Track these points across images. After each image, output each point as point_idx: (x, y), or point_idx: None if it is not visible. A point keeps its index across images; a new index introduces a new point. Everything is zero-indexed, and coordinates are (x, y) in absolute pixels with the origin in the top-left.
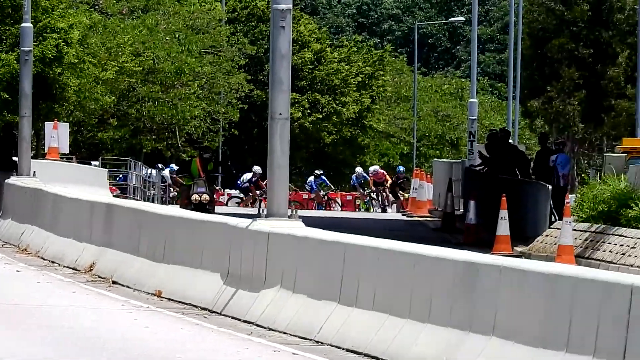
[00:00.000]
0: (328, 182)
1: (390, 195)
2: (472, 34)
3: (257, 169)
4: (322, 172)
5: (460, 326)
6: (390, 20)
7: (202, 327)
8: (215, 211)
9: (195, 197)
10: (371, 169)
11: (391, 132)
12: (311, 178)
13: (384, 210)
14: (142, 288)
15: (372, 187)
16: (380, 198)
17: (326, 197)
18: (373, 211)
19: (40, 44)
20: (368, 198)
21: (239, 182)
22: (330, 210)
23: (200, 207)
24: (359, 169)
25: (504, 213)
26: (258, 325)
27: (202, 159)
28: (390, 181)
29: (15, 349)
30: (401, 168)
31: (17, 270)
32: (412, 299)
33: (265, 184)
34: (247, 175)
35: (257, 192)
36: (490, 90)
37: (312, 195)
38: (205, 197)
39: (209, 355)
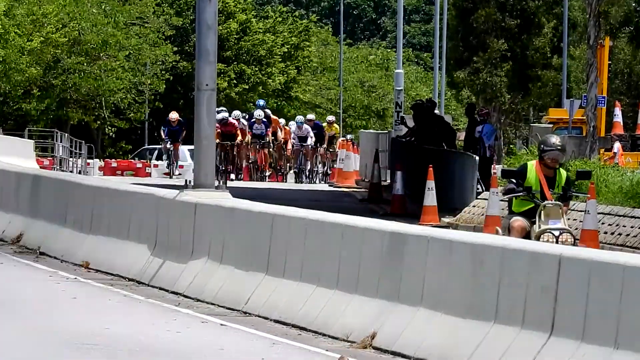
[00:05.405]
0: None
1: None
2: (398, 5)
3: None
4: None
5: (388, 297)
6: None
7: (130, 298)
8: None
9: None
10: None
11: (317, 102)
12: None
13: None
14: (70, 259)
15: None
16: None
17: None
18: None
19: None
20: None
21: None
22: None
23: None
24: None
25: (430, 184)
26: (186, 296)
27: (546, 165)
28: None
29: None
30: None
31: None
32: (340, 270)
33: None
34: None
35: None
36: (416, 61)
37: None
38: (567, 236)
39: (137, 326)
